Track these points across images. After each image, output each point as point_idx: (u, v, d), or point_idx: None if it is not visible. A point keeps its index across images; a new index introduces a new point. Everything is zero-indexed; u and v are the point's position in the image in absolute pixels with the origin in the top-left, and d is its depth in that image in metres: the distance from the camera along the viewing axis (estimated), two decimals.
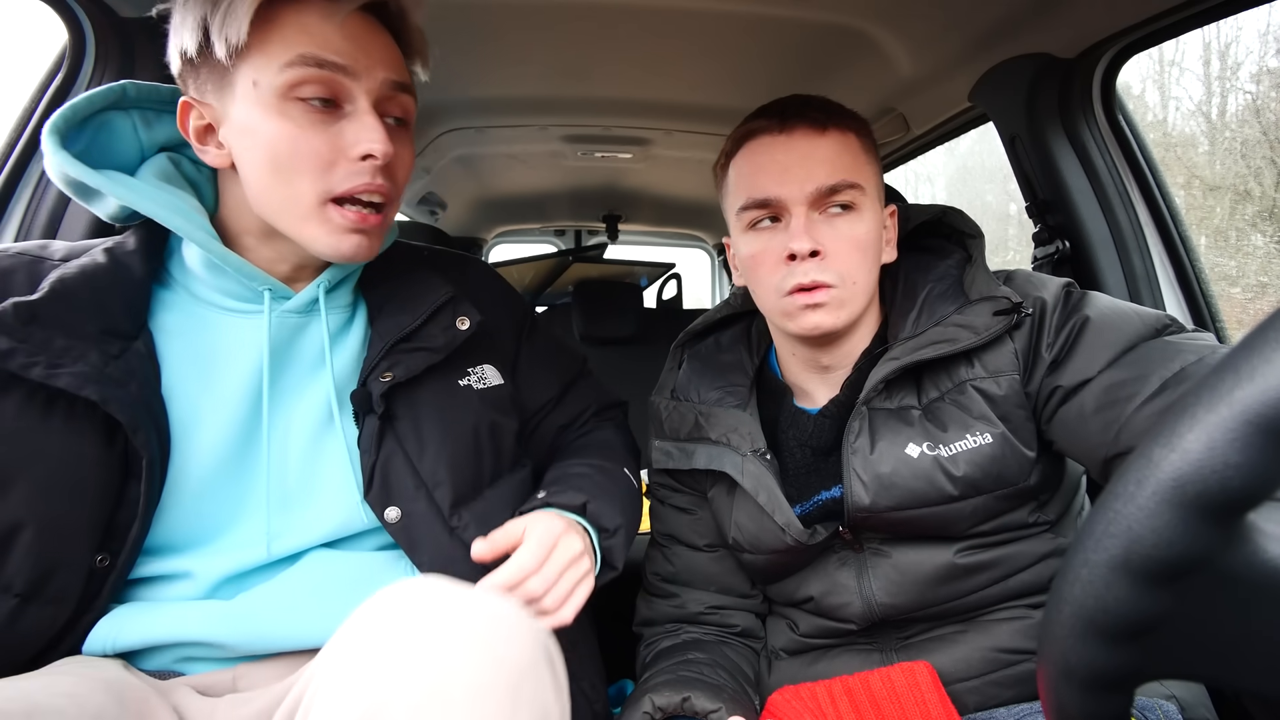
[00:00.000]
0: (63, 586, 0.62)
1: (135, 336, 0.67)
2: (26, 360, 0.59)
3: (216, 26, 0.64)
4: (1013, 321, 0.77)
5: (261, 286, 0.71)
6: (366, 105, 0.67)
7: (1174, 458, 0.28)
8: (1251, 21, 5.05)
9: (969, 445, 0.77)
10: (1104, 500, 0.32)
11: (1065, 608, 0.33)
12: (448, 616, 0.49)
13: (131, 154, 0.75)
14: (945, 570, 0.80)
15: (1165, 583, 0.30)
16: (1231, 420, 0.27)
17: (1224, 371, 0.28)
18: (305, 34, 0.65)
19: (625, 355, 2.38)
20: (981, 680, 0.80)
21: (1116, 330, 0.72)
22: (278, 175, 0.66)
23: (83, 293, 0.64)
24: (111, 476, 0.63)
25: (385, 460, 0.73)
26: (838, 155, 0.80)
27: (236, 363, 0.71)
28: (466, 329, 0.79)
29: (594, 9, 1.16)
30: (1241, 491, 0.27)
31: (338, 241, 0.69)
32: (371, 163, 0.67)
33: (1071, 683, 0.33)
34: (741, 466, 0.85)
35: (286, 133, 0.65)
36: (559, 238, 3.20)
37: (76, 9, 0.97)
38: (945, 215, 0.90)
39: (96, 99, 0.71)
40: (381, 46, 0.70)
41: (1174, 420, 0.29)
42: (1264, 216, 4.58)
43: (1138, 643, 0.32)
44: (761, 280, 0.82)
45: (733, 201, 0.83)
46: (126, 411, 0.62)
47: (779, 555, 0.86)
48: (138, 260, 0.70)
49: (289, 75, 0.64)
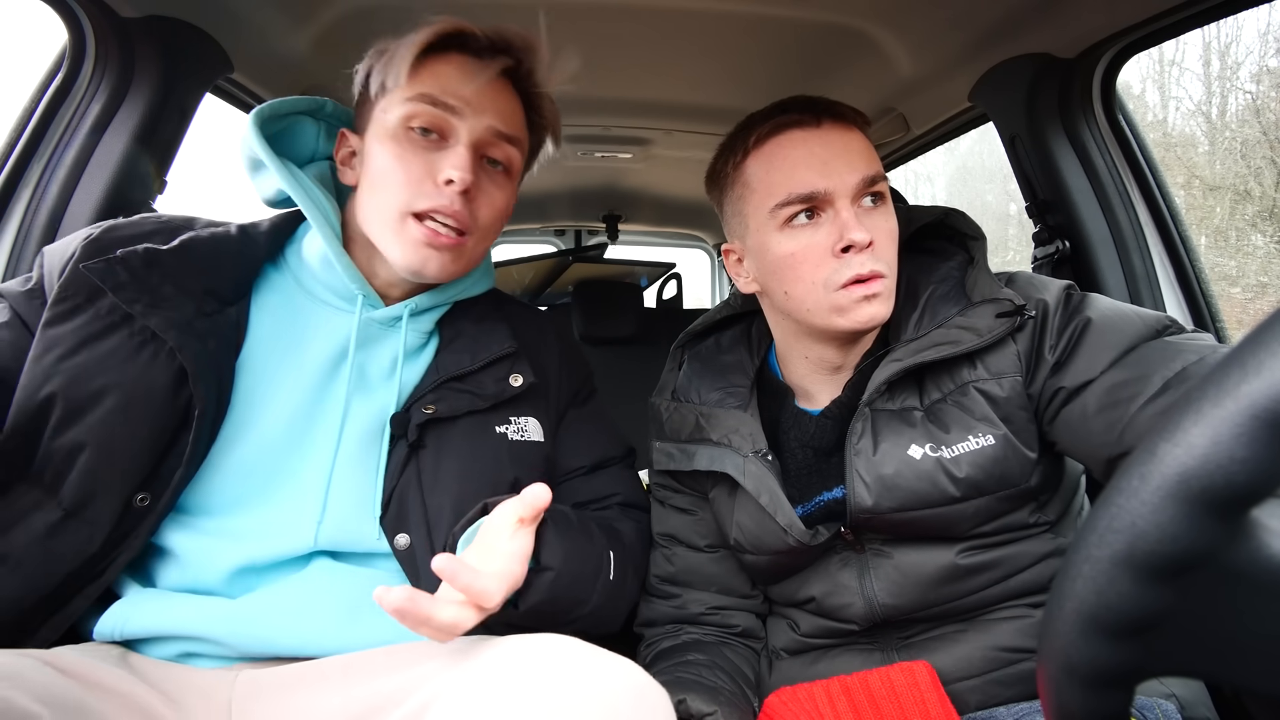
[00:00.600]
0: (100, 510, 0.67)
1: (233, 303, 0.76)
2: (134, 294, 0.68)
3: (379, 71, 0.76)
4: (1015, 324, 0.78)
5: (359, 290, 0.79)
6: (466, 141, 0.76)
7: (1179, 452, 0.28)
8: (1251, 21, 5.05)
9: (971, 447, 0.77)
10: (1107, 496, 0.31)
11: (1067, 604, 0.32)
12: (581, 683, 0.51)
13: (306, 155, 0.86)
14: (947, 571, 0.80)
15: (1168, 579, 0.30)
16: (1237, 415, 0.27)
17: (1230, 366, 0.28)
18: (437, 81, 0.75)
19: (625, 355, 2.38)
20: (982, 679, 0.80)
21: (1118, 331, 0.73)
22: (376, 187, 0.76)
23: (204, 253, 0.74)
24: (169, 422, 0.69)
25: (404, 487, 0.76)
26: (867, 148, 0.81)
27: (316, 350, 0.78)
28: (519, 386, 0.84)
29: (594, 9, 1.16)
30: (1246, 486, 0.27)
31: (411, 254, 0.75)
32: (452, 188, 0.74)
33: (1073, 679, 0.33)
34: (743, 467, 0.85)
35: (392, 153, 0.75)
36: (559, 238, 3.20)
37: (76, 9, 0.97)
38: (948, 217, 0.90)
39: (301, 103, 0.84)
40: (500, 100, 0.79)
41: (1179, 415, 0.29)
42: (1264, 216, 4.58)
43: (1140, 639, 0.32)
44: (803, 278, 0.80)
45: (760, 201, 0.81)
46: (195, 361, 0.69)
47: (780, 556, 0.86)
48: (263, 239, 0.81)
49: (407, 109, 0.75)
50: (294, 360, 0.77)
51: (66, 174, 1.00)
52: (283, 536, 0.72)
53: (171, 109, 1.07)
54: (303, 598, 0.71)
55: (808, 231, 0.79)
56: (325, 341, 0.78)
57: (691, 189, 2.45)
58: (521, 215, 2.94)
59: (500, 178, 0.81)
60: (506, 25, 0.79)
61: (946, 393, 0.80)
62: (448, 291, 0.85)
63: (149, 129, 1.04)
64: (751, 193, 0.83)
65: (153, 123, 1.04)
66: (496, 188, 0.81)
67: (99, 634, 0.69)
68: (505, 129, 0.79)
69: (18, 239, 0.98)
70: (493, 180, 0.80)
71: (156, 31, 1.02)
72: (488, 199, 0.79)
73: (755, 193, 0.82)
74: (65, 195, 1.00)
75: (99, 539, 0.67)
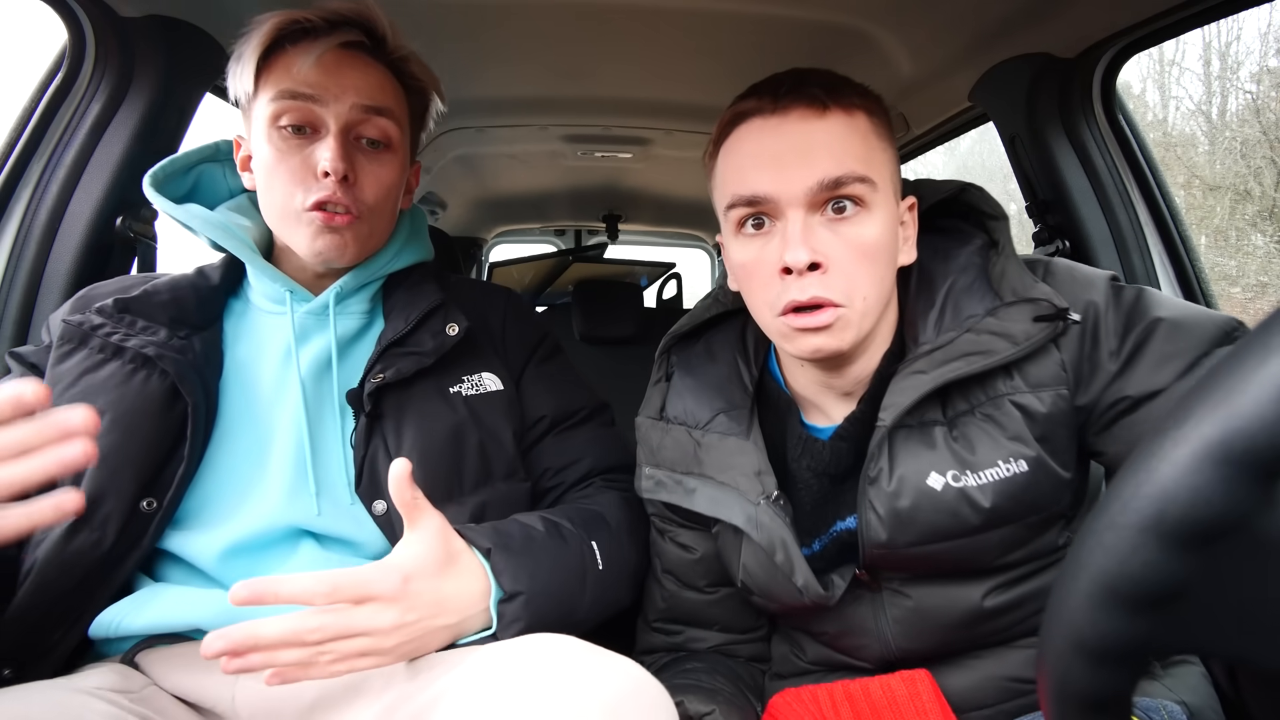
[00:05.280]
0: (109, 514, 0.71)
1: (204, 328, 0.81)
2: (111, 330, 0.76)
3: (237, 78, 0.80)
4: (1058, 330, 0.67)
5: (284, 288, 0.83)
6: (335, 129, 0.78)
7: (1221, 413, 0.28)
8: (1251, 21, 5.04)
9: (1001, 474, 0.67)
10: (1134, 462, 0.31)
11: (1083, 573, 0.32)
12: (579, 681, 0.52)
13: (221, 195, 0.91)
14: (972, 615, 0.73)
15: (1196, 546, 0.29)
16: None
17: (1275, 327, 0.27)
18: (288, 73, 0.77)
19: (625, 355, 2.37)
20: (994, 710, 0.76)
21: (1189, 335, 0.66)
22: (268, 190, 0.80)
23: (165, 293, 0.81)
24: (165, 433, 0.74)
25: (372, 456, 0.79)
26: (842, 141, 0.67)
27: (270, 353, 0.83)
28: (455, 335, 0.85)
29: (594, 9, 1.16)
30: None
31: (313, 241, 0.79)
32: (329, 180, 0.77)
33: (1080, 654, 0.33)
34: (754, 517, 0.74)
35: (271, 155, 0.78)
36: (559, 237, 3.20)
37: (76, 9, 0.97)
38: (964, 193, 0.78)
39: (193, 155, 0.89)
40: (356, 75, 0.79)
41: (1219, 378, 0.28)
42: (1264, 216, 4.58)
43: (1158, 612, 0.31)
44: (754, 294, 0.71)
45: (719, 198, 0.73)
46: (177, 366, 0.74)
47: (792, 605, 0.78)
48: (218, 275, 0.86)
49: (272, 108, 0.77)
50: (258, 367, 0.82)
51: (66, 174, 1.00)
52: (275, 513, 0.75)
53: (171, 109, 1.07)
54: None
55: (758, 243, 0.69)
56: (274, 344, 0.83)
57: (691, 189, 2.46)
58: (521, 215, 2.94)
59: (383, 155, 0.82)
60: (339, 1, 0.80)
61: (976, 404, 0.70)
62: (371, 267, 0.87)
63: (149, 129, 1.04)
64: (716, 187, 0.75)
65: (153, 123, 1.04)
66: (380, 165, 0.82)
67: (94, 633, 0.71)
68: (371, 102, 0.79)
69: (18, 239, 0.98)
70: (374, 159, 0.81)
71: (156, 31, 1.02)
72: (372, 179, 0.81)
73: (717, 188, 0.74)
74: (65, 195, 1.00)
75: (108, 542, 0.70)
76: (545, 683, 0.51)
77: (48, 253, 0.99)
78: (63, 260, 0.99)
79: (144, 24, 1.01)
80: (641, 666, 0.56)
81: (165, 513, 0.73)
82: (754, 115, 0.70)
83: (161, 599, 0.72)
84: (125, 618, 0.70)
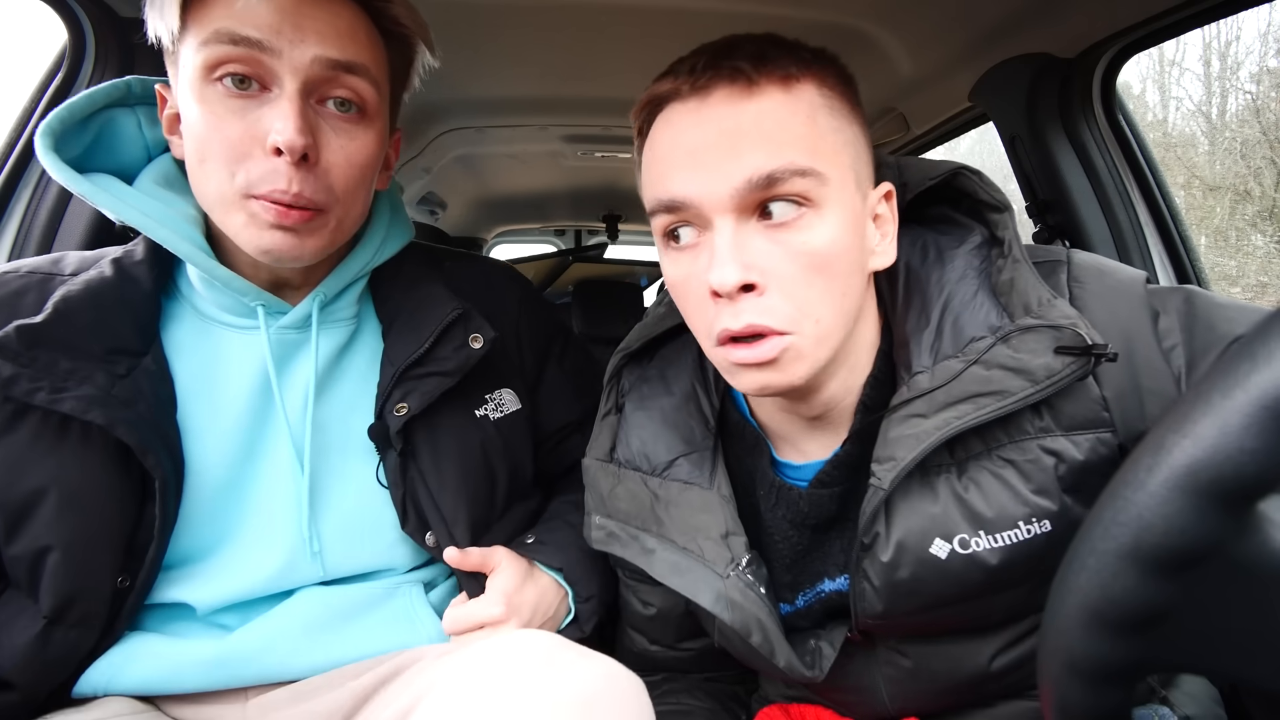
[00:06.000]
0: (87, 609, 0.61)
1: (144, 353, 0.64)
2: (30, 385, 0.56)
3: (158, 10, 0.60)
4: (1089, 367, 0.54)
5: (254, 302, 0.67)
6: (292, 88, 0.58)
7: (1187, 444, 0.28)
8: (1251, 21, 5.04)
9: (1020, 537, 0.56)
10: (1113, 488, 0.31)
11: (1070, 598, 0.32)
12: (551, 675, 0.52)
13: (136, 155, 0.70)
14: (977, 677, 0.65)
15: (1174, 572, 0.29)
16: (1247, 405, 0.27)
17: (1239, 357, 0.28)
18: (228, 8, 0.57)
19: None
20: None
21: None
22: (201, 166, 0.60)
23: (87, 312, 0.61)
24: (128, 499, 0.62)
25: (411, 491, 0.72)
26: (778, 125, 0.53)
27: (238, 381, 0.67)
28: (480, 348, 0.72)
29: (594, 9, 1.16)
30: (1255, 478, 0.27)
31: (257, 237, 0.60)
32: (283, 159, 0.58)
33: (1074, 676, 0.33)
34: (724, 594, 0.62)
35: (204, 119, 0.59)
36: (559, 237, 3.20)
37: (76, 9, 0.96)
38: (957, 178, 0.64)
39: (98, 96, 0.66)
40: (323, 18, 0.59)
41: (1187, 406, 0.29)
42: (1264, 216, 4.59)
43: (1144, 634, 0.31)
44: (690, 318, 0.59)
45: (645, 201, 0.60)
46: (135, 434, 0.59)
47: (776, 676, 0.73)
48: (144, 271, 0.66)
49: (205, 54, 0.58)
50: (220, 399, 0.67)
51: None
52: (271, 577, 0.68)
53: None
54: (295, 626, 0.68)
55: (687, 258, 0.56)
56: (242, 370, 0.67)
57: None
58: (521, 215, 2.94)
59: (355, 123, 0.63)
60: None
61: (994, 446, 0.57)
62: (353, 265, 0.71)
63: None
64: (642, 192, 0.61)
65: None
66: (350, 139, 0.62)
67: (78, 692, 0.64)
68: (341, 55, 0.60)
69: (18, 239, 0.98)
70: (343, 132, 0.62)
71: None
72: (341, 158, 0.61)
73: (643, 192, 0.61)
74: (65, 195, 1.00)
75: (90, 639, 0.62)
76: (523, 678, 0.51)
77: (48, 253, 0.99)
78: None
79: (144, 24, 1.01)
80: (618, 662, 0.56)
81: (141, 587, 0.63)
82: (672, 100, 0.57)
83: (150, 654, 0.64)
84: (113, 678, 0.64)
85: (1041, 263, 0.61)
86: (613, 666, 0.55)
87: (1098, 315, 0.57)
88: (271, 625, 0.67)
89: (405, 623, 0.72)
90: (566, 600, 0.78)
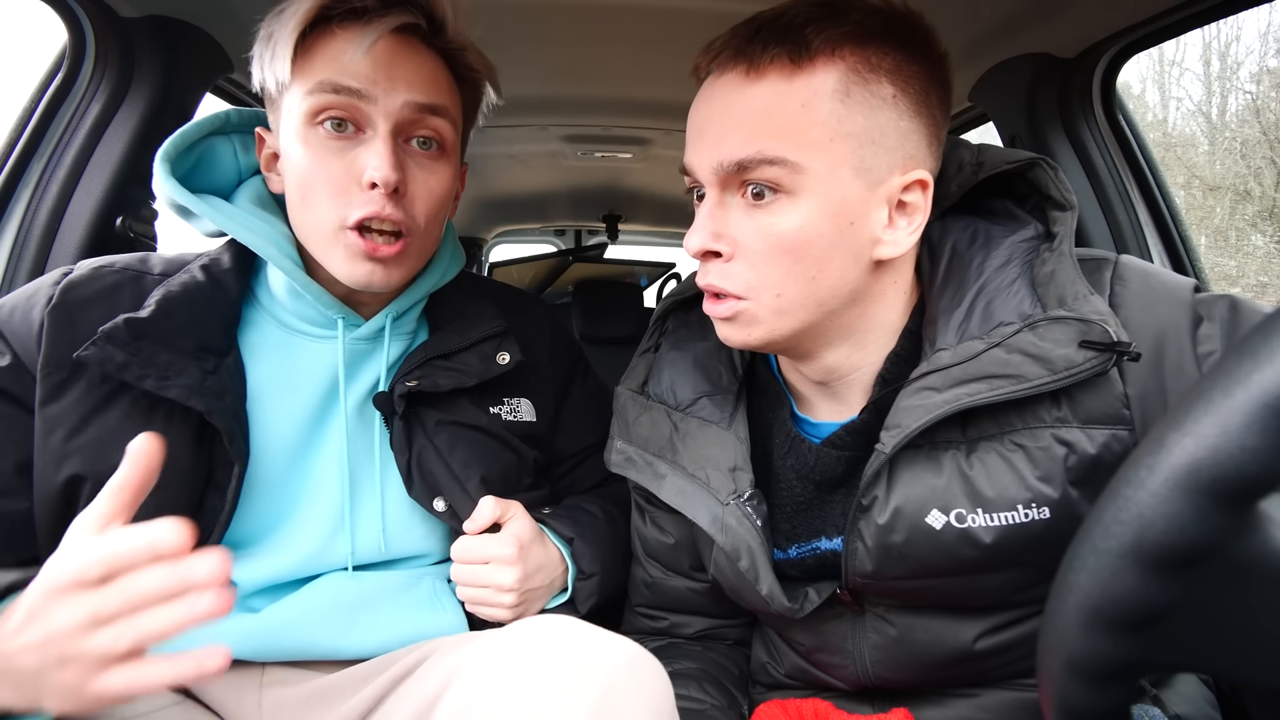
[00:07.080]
0: None
1: (227, 353, 0.71)
2: (140, 372, 0.63)
3: (267, 63, 0.68)
4: (1108, 364, 0.54)
5: (336, 314, 0.74)
6: (384, 130, 0.67)
7: (1188, 442, 0.28)
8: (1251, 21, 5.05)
9: (1016, 519, 0.58)
10: (1114, 488, 0.31)
11: (1070, 597, 0.32)
12: (575, 659, 0.53)
13: (230, 177, 0.78)
14: (959, 656, 0.67)
15: (1175, 571, 0.29)
16: (1248, 404, 0.27)
17: (1240, 356, 0.28)
18: (332, 62, 0.66)
19: (625, 355, 2.36)
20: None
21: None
22: (303, 201, 0.69)
23: (184, 311, 0.69)
24: (194, 485, 0.67)
25: (419, 455, 0.75)
26: (762, 114, 0.56)
27: (309, 384, 0.74)
28: (505, 364, 0.79)
29: (594, 9, 1.16)
30: (1256, 477, 0.27)
31: (352, 268, 0.69)
32: (377, 192, 0.66)
33: (1075, 674, 0.33)
34: (720, 518, 0.67)
35: (307, 159, 0.67)
36: (559, 238, 3.20)
37: (76, 9, 0.97)
38: (1034, 168, 0.65)
39: (204, 125, 0.75)
40: (411, 68, 0.68)
41: (1189, 405, 0.29)
42: (1264, 216, 4.59)
43: (1144, 633, 0.31)
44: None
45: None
46: (225, 421, 0.66)
47: (760, 610, 0.74)
48: (232, 279, 0.74)
49: (310, 102, 0.66)
50: (290, 398, 0.74)
51: (66, 174, 1.00)
52: (309, 560, 0.72)
53: (171, 109, 1.07)
54: (321, 609, 0.71)
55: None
56: (312, 374, 0.74)
57: None
58: (521, 215, 2.94)
59: (435, 159, 0.72)
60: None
61: (1007, 430, 0.59)
62: (422, 286, 0.80)
63: (149, 129, 1.03)
64: None
65: (153, 123, 1.04)
66: (430, 174, 0.71)
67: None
68: (426, 99, 0.69)
69: (18, 239, 0.98)
70: (425, 167, 0.71)
71: (156, 31, 1.02)
72: (424, 190, 0.71)
73: None
74: (65, 195, 1.00)
75: None
76: (546, 660, 0.52)
77: (48, 253, 0.99)
78: (63, 261, 0.99)
79: (144, 24, 1.01)
80: (638, 645, 0.57)
81: None
82: (711, 73, 0.62)
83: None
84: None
85: (1087, 260, 0.62)
86: (634, 649, 0.55)
87: (1134, 314, 0.58)
88: (300, 603, 0.71)
89: (428, 609, 0.74)
90: (565, 576, 0.79)
